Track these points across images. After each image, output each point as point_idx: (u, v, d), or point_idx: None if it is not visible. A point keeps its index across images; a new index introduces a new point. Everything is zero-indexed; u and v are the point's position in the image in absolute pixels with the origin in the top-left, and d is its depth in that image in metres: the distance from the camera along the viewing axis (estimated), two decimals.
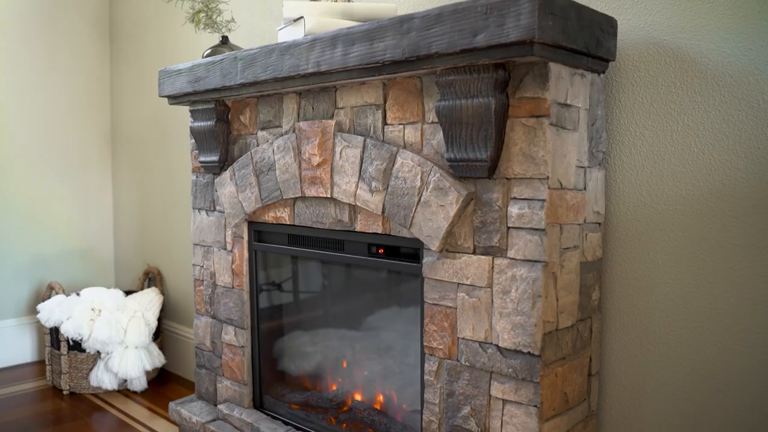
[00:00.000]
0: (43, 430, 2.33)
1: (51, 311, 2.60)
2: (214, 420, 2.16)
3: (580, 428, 1.55)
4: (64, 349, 2.63)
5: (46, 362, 2.74)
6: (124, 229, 3.35)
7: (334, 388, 2.03)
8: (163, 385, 2.79)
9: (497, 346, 1.45)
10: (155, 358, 2.71)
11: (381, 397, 1.90)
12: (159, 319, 2.83)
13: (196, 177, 2.26)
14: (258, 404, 2.15)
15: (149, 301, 2.76)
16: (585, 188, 1.49)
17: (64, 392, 2.68)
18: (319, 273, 2.07)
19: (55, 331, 2.66)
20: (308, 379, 2.11)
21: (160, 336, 2.87)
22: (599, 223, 1.56)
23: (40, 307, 2.64)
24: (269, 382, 2.16)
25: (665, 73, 1.49)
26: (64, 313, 2.58)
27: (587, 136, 1.49)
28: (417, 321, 1.67)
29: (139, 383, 2.66)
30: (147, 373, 2.71)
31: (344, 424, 1.92)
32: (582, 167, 1.48)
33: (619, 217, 1.58)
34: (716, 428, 1.45)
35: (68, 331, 2.54)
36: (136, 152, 3.23)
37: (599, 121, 1.53)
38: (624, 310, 1.58)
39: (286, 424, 2.03)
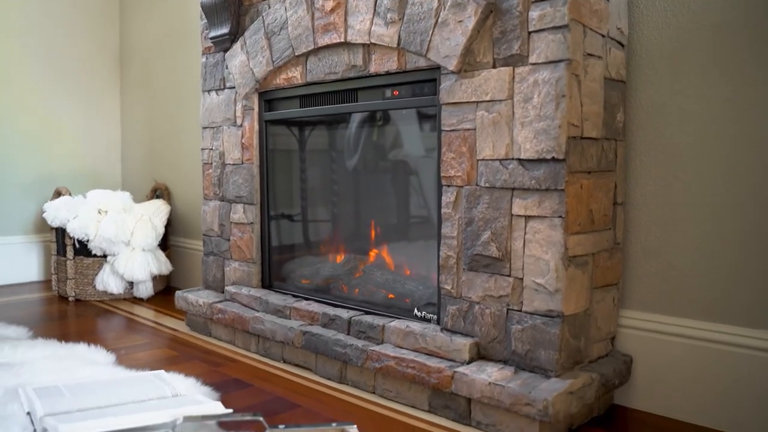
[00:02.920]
0: (48, 323, 2.28)
1: (57, 210, 2.55)
2: (221, 301, 2.10)
3: (606, 257, 1.49)
4: (70, 253, 2.58)
5: (52, 271, 2.69)
6: (132, 147, 3.31)
7: (347, 254, 1.96)
8: (170, 295, 2.73)
9: (519, 159, 1.39)
10: (162, 264, 2.65)
11: (396, 255, 1.84)
12: (166, 232, 2.78)
13: (206, 58, 2.22)
14: (267, 285, 2.09)
15: (156, 208, 2.71)
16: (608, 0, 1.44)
17: (70, 299, 2.63)
18: (331, 137, 2.02)
19: (61, 235, 2.61)
20: (320, 247, 2.05)
21: (168, 249, 2.82)
22: (622, 44, 1.51)
23: (47, 206, 2.59)
24: (278, 263, 2.10)
25: None
26: (70, 213, 2.53)
27: None
28: (433, 161, 1.61)
29: (145, 288, 2.60)
30: (153, 279, 2.65)
31: (357, 290, 1.86)
32: None
33: (643, 42, 1.52)
34: (747, 257, 1.38)
35: (74, 230, 2.49)
36: (144, 69, 3.19)
37: None
38: (648, 138, 1.52)
39: (296, 296, 1.97)
